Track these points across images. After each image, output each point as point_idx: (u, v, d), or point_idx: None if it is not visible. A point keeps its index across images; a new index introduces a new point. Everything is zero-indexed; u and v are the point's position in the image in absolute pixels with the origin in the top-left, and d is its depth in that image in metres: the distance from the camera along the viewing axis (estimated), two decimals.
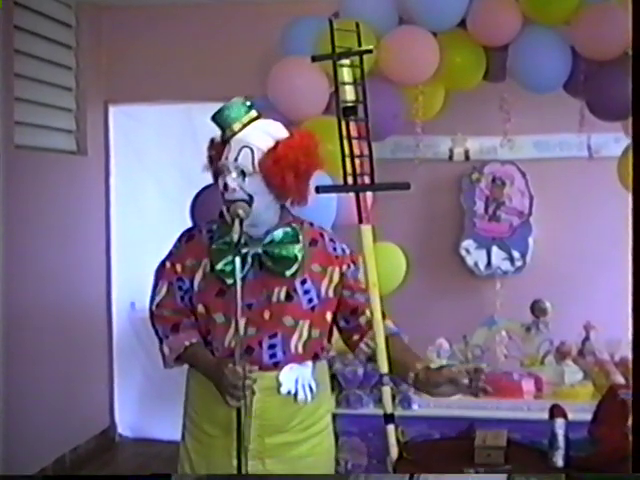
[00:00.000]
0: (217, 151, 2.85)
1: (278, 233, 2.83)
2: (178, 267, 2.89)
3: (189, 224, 3.27)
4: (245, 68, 5.67)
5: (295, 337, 2.84)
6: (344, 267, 2.93)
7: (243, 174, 2.77)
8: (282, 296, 2.82)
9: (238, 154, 2.77)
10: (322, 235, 2.96)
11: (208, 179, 2.94)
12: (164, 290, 2.91)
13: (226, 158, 2.78)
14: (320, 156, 2.86)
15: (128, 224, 6.41)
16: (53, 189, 5.69)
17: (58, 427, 5.69)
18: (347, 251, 2.98)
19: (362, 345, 2.99)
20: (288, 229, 2.85)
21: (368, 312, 2.95)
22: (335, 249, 2.94)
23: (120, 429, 6.51)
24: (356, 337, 2.99)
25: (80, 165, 6.13)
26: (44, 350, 5.57)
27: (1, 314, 5.04)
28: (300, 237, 2.84)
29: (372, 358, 2.99)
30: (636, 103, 2.42)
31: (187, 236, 2.95)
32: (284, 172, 2.75)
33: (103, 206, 6.39)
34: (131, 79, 6.23)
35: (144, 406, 6.45)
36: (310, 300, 2.85)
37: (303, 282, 2.85)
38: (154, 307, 2.94)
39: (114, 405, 6.51)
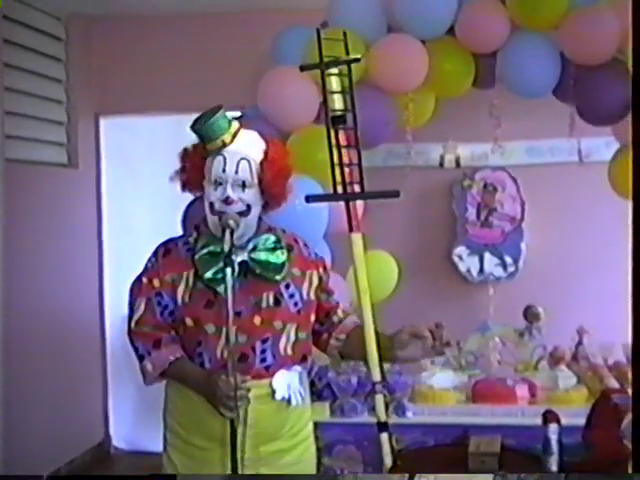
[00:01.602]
0: (193, 161, 2.85)
1: (261, 240, 2.85)
2: (156, 282, 2.86)
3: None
4: (236, 79, 5.68)
5: (283, 340, 2.86)
6: (321, 270, 3.01)
7: (243, 186, 2.78)
8: (271, 301, 2.84)
9: (237, 167, 2.78)
10: (296, 240, 3.00)
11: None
12: (142, 306, 2.88)
13: (223, 171, 2.78)
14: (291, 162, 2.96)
15: (120, 236, 6.40)
16: (44, 202, 5.68)
17: (53, 440, 5.68)
18: (319, 256, 3.08)
19: (332, 341, 3.03)
20: (270, 235, 2.88)
21: (340, 312, 3.05)
22: (310, 254, 3.02)
23: (115, 442, 6.49)
24: (325, 335, 3.03)
25: (71, 178, 6.13)
26: (38, 364, 5.56)
27: None
28: (282, 243, 2.88)
29: (343, 352, 3.06)
30: (636, 103, 2.42)
31: (163, 250, 2.91)
32: (281, 182, 2.85)
33: (95, 219, 6.38)
34: (122, 91, 6.23)
35: (138, 419, 6.44)
36: (295, 304, 2.88)
37: (287, 286, 2.87)
38: (133, 325, 2.90)
39: (109, 418, 6.50)
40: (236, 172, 2.78)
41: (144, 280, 2.89)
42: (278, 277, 2.84)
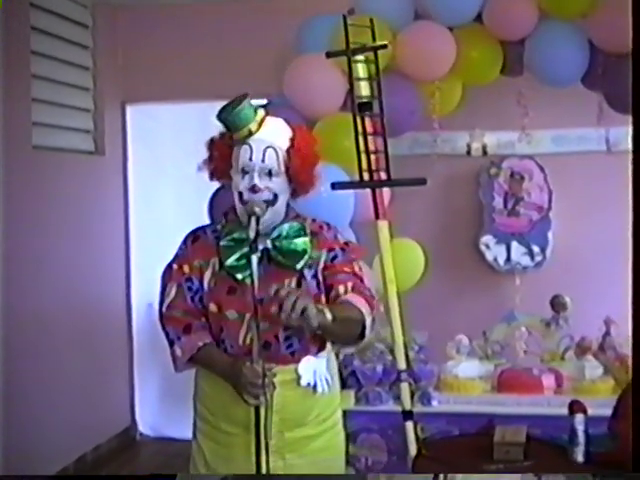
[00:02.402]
0: (220, 151, 2.85)
1: (285, 227, 2.85)
2: (186, 268, 2.89)
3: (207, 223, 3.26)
4: (261, 66, 5.66)
5: None
6: (331, 251, 2.90)
7: (270, 174, 2.78)
8: (293, 286, 2.82)
9: (264, 155, 2.78)
10: (322, 227, 2.96)
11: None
12: (173, 292, 2.90)
13: (250, 159, 2.78)
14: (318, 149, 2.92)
15: (146, 224, 6.42)
16: (71, 189, 5.70)
17: (79, 426, 5.70)
18: (341, 239, 2.96)
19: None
20: (294, 223, 2.87)
21: (341, 288, 2.84)
22: (335, 237, 2.95)
23: (141, 428, 6.52)
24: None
25: (98, 165, 6.14)
26: (65, 350, 5.59)
27: (22, 315, 5.06)
28: (307, 230, 2.87)
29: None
30: (636, 103, 2.40)
31: (192, 237, 2.95)
32: (309, 169, 2.84)
33: (121, 206, 6.40)
34: (148, 78, 6.23)
35: (164, 406, 6.46)
36: (317, 284, 2.85)
37: (310, 267, 2.85)
38: (164, 309, 2.93)
39: (135, 404, 6.53)
40: (263, 160, 2.78)
41: (174, 266, 2.92)
42: (298, 265, 2.82)
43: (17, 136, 5.10)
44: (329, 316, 2.58)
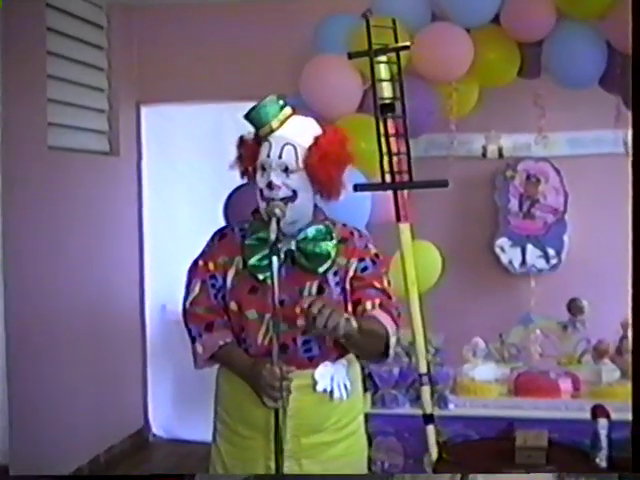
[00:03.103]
0: (248, 149, 2.84)
1: (311, 230, 2.82)
2: (211, 265, 2.89)
3: (221, 225, 3.26)
4: (277, 67, 5.66)
5: None
6: (367, 260, 2.86)
7: (286, 171, 2.76)
8: (314, 290, 2.80)
9: (281, 151, 2.76)
10: (352, 233, 2.92)
11: (240, 179, 2.93)
12: (197, 288, 2.90)
13: (267, 156, 2.77)
14: (350, 150, 2.87)
15: (160, 225, 6.40)
16: (85, 190, 5.69)
17: (93, 427, 5.70)
18: (372, 249, 2.91)
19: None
20: (321, 226, 2.84)
21: (368, 304, 2.80)
22: (364, 245, 2.90)
23: (154, 429, 6.51)
24: None
25: (112, 166, 6.14)
26: (79, 351, 5.58)
27: (36, 316, 5.06)
28: (334, 234, 2.84)
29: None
30: (636, 103, 2.39)
31: (220, 235, 2.95)
32: (330, 167, 2.78)
33: (135, 207, 6.39)
34: (163, 79, 6.22)
35: (177, 407, 6.45)
36: (342, 290, 2.82)
37: (335, 274, 2.82)
38: (187, 305, 2.93)
39: (148, 406, 6.52)
40: (280, 157, 2.76)
41: (200, 263, 2.92)
42: (321, 269, 2.79)
43: (32, 136, 5.10)
44: (355, 325, 2.54)
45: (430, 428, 2.89)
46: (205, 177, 6.20)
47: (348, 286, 2.85)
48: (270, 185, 2.75)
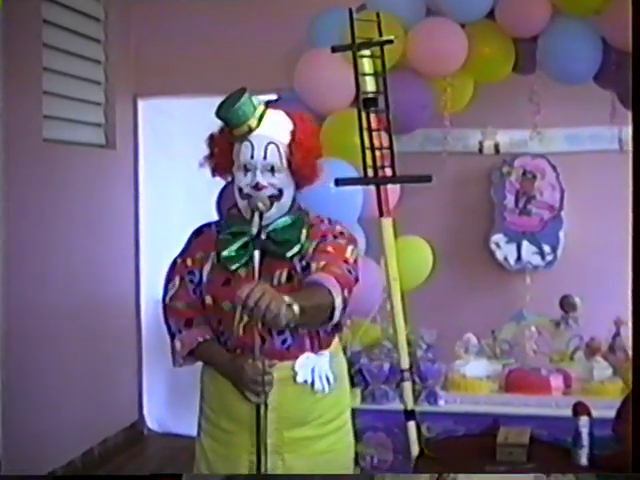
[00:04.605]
0: (220, 147, 2.83)
1: (283, 220, 2.81)
2: (189, 261, 2.90)
3: (216, 218, 3.26)
4: (273, 61, 5.64)
5: None
6: (322, 237, 2.81)
7: (272, 171, 2.75)
8: (283, 278, 2.78)
9: (265, 152, 2.75)
10: (323, 220, 2.89)
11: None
12: (177, 284, 2.91)
13: (251, 157, 2.75)
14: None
15: (156, 218, 6.40)
16: (81, 183, 5.68)
17: (87, 420, 5.70)
18: (338, 228, 2.86)
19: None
20: (292, 216, 2.83)
21: (313, 266, 2.72)
22: (331, 228, 2.85)
23: (148, 423, 6.51)
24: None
25: (108, 159, 6.13)
26: (74, 345, 5.58)
27: (29, 310, 5.06)
28: (304, 222, 2.82)
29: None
30: (636, 103, 2.38)
31: (197, 232, 2.96)
32: (312, 162, 2.81)
33: (131, 200, 6.38)
34: (160, 73, 6.20)
35: (171, 401, 6.45)
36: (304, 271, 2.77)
37: (301, 259, 2.79)
38: (167, 300, 2.94)
39: (142, 399, 6.52)
40: (265, 157, 2.75)
41: (179, 260, 2.94)
42: (289, 254, 2.77)
43: (28, 129, 5.09)
44: (297, 310, 2.45)
45: (411, 424, 2.88)
46: (201, 171, 6.16)
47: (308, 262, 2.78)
48: (257, 186, 2.75)
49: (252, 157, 2.75)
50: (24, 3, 4.98)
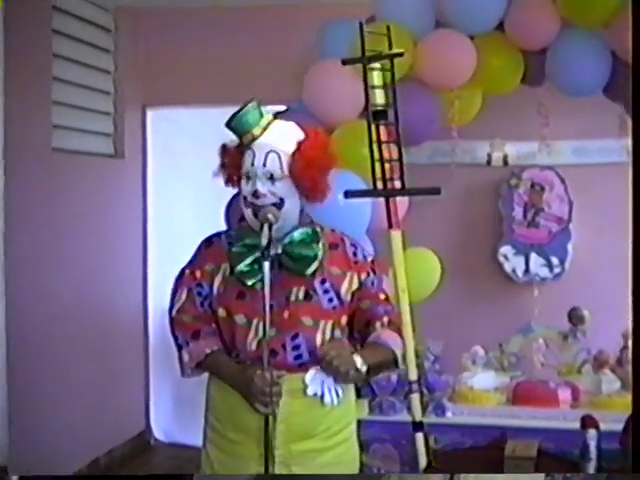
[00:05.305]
0: (232, 157, 2.83)
1: (297, 233, 2.80)
2: (197, 273, 2.88)
3: (224, 228, 3.26)
4: (282, 72, 5.65)
5: (319, 337, 2.79)
6: (363, 275, 2.87)
7: (272, 179, 2.75)
8: (300, 296, 2.79)
9: (265, 159, 2.75)
10: (343, 240, 2.91)
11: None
12: (184, 296, 2.90)
13: (252, 164, 2.76)
14: (334, 152, 2.86)
15: (164, 228, 6.41)
16: (90, 192, 5.69)
17: (94, 430, 5.69)
18: (369, 258, 2.92)
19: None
20: (307, 229, 2.82)
21: (378, 325, 2.85)
22: (355, 254, 2.89)
23: (155, 433, 6.51)
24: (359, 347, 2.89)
25: (117, 168, 6.14)
26: (81, 353, 5.58)
27: (37, 318, 5.06)
28: (320, 237, 2.82)
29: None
30: (636, 103, 2.38)
31: (206, 243, 2.93)
32: (314, 173, 2.77)
33: (140, 210, 6.39)
34: (169, 83, 6.23)
35: (178, 411, 6.45)
36: (330, 300, 2.81)
37: (322, 282, 2.81)
38: (174, 313, 2.93)
39: (149, 409, 6.52)
40: (264, 165, 2.74)
41: (187, 271, 2.92)
42: (307, 271, 2.77)
43: (37, 138, 5.11)
44: (364, 372, 2.67)
45: (419, 435, 2.88)
46: (210, 181, 6.13)
47: (348, 298, 2.83)
48: (256, 193, 2.75)
49: (252, 165, 2.75)
50: (34, 13, 5.00)
